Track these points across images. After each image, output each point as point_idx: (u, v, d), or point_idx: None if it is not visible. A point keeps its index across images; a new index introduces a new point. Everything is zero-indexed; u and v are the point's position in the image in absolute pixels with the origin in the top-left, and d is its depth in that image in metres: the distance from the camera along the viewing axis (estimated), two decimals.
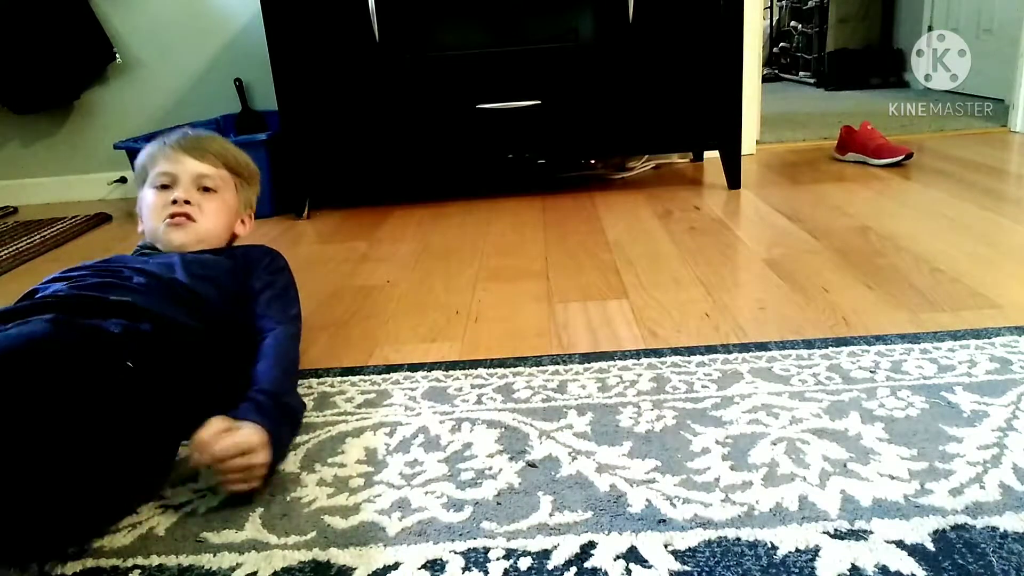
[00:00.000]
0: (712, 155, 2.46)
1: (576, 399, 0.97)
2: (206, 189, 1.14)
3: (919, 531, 0.67)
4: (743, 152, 2.26)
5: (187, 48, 2.55)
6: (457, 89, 2.06)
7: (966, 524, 0.68)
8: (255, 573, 0.69)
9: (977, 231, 1.59)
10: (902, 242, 1.54)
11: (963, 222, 1.66)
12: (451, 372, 1.07)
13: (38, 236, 2.14)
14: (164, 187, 1.12)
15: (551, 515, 0.74)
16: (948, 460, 0.78)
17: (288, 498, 0.80)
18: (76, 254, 1.95)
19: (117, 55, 2.53)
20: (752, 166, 2.42)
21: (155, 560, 0.72)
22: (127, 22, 2.54)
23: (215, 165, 1.15)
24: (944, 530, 0.67)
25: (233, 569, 0.70)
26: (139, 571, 0.71)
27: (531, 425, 0.91)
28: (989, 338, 1.05)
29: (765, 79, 4.03)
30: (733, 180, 2.13)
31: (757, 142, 2.69)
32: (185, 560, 0.71)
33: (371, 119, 2.09)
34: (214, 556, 0.72)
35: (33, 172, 2.71)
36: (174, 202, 1.10)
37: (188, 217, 1.11)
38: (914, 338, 1.07)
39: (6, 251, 2.01)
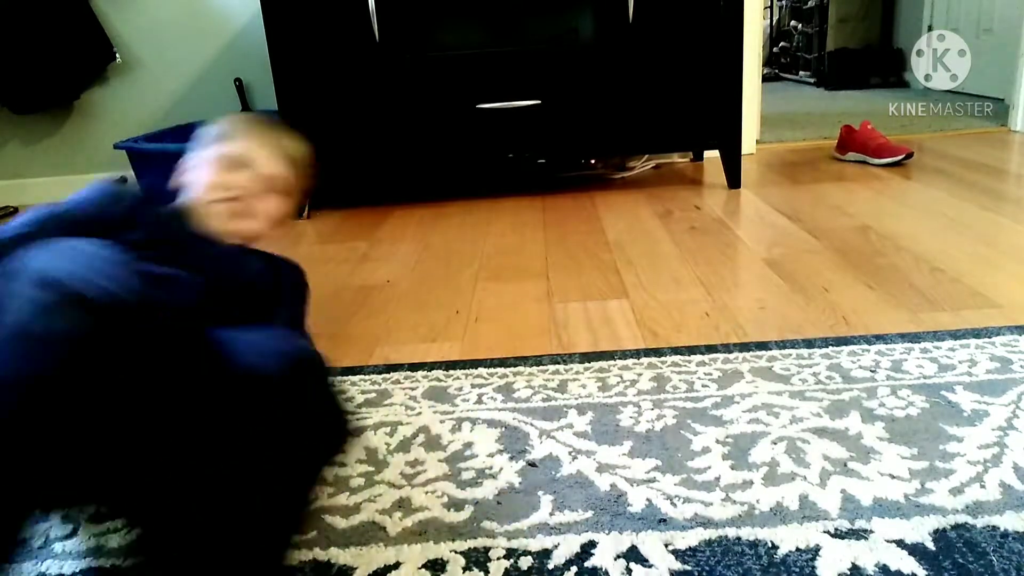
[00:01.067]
0: (712, 155, 2.46)
1: (576, 398, 0.97)
2: (269, 190, 1.06)
3: (919, 530, 0.67)
4: (743, 152, 2.26)
5: (187, 48, 2.55)
6: (457, 89, 2.06)
7: (966, 523, 0.68)
8: None
9: (977, 231, 1.59)
10: (902, 242, 1.54)
11: (963, 222, 1.66)
12: (451, 372, 1.07)
13: None
14: (230, 166, 1.02)
15: (551, 515, 0.74)
16: (948, 459, 0.78)
17: None
18: None
19: (117, 55, 2.53)
20: (752, 166, 2.42)
21: None
22: (127, 22, 2.54)
23: (290, 174, 1.08)
24: (944, 529, 0.67)
25: None
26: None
27: (531, 424, 0.91)
28: (989, 337, 1.05)
29: (765, 79, 4.02)
30: (733, 180, 2.13)
31: (757, 142, 2.69)
32: None
33: (371, 119, 2.09)
34: None
35: (33, 172, 2.71)
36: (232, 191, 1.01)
37: (242, 211, 1.02)
38: (914, 337, 1.07)
39: None
